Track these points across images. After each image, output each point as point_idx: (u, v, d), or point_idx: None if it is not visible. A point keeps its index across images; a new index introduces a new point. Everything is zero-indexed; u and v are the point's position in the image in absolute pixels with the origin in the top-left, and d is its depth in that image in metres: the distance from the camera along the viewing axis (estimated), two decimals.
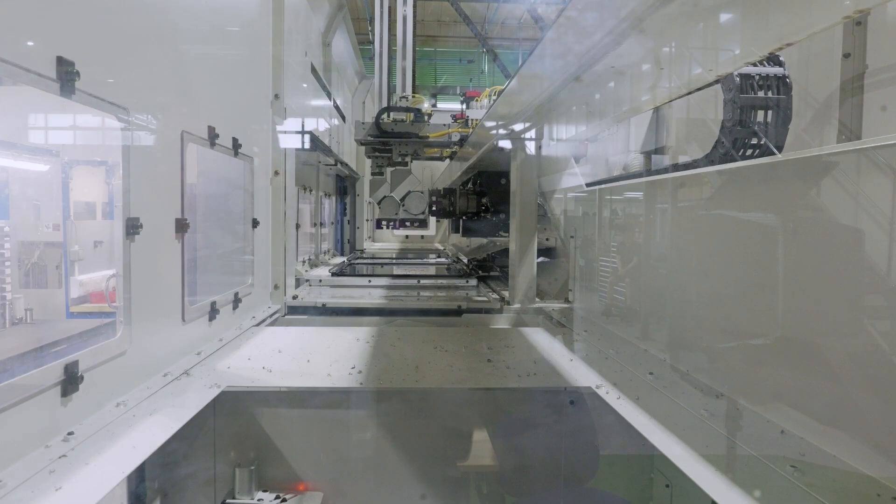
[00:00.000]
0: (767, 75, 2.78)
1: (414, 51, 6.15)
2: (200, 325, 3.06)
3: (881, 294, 1.61)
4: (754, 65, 2.70)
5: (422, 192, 6.18)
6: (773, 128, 2.77)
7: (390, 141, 6.05)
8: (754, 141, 2.84)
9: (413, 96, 6.09)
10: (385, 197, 6.18)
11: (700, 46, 2.17)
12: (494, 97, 5.37)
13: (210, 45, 3.22)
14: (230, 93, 3.61)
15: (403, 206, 6.17)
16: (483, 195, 6.11)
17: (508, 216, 4.55)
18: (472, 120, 6.13)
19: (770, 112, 2.80)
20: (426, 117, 5.98)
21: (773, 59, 2.80)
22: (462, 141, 6.07)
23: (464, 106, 6.59)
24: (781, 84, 2.78)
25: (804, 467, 1.61)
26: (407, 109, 5.96)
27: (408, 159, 6.22)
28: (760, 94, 2.76)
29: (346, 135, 8.77)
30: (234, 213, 3.83)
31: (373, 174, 6.45)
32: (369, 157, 6.29)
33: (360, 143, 6.13)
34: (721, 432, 1.90)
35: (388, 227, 6.60)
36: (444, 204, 6.17)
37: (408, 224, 6.34)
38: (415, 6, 6.12)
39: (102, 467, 1.67)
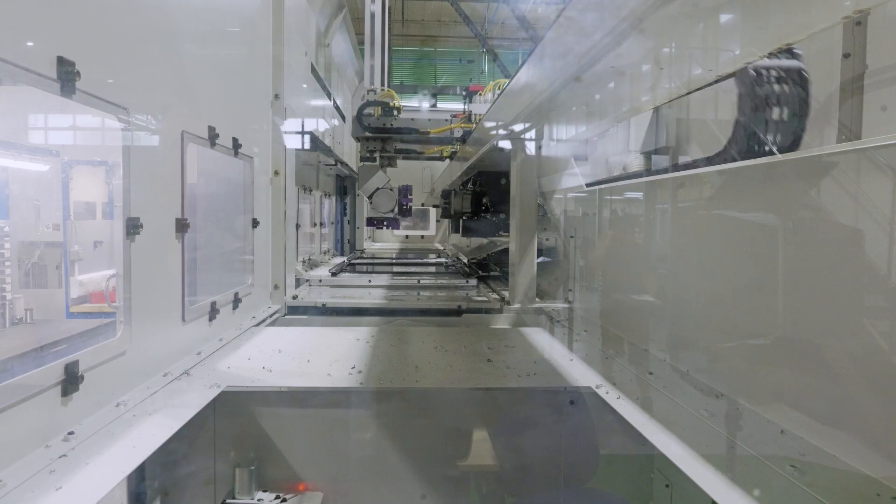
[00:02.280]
0: (785, 67, 2.70)
1: (385, 47, 6.21)
2: (200, 325, 3.06)
3: (881, 294, 1.61)
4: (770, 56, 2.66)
5: (391, 190, 6.06)
6: (789, 122, 2.70)
7: (393, 137, 6.04)
8: (769, 137, 2.79)
9: (383, 89, 6.09)
10: (378, 189, 6.01)
11: (700, 46, 2.17)
12: (499, 91, 5.35)
13: (210, 45, 3.22)
14: (230, 93, 3.61)
15: (371, 203, 6.08)
16: (483, 195, 6.10)
17: (508, 216, 4.54)
18: (475, 115, 6.11)
19: (786, 106, 2.73)
20: (395, 111, 5.96)
21: (788, 51, 2.72)
22: (464, 137, 6.06)
23: (466, 101, 6.57)
24: (799, 77, 2.69)
25: (804, 467, 1.61)
26: (381, 104, 5.95)
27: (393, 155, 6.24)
28: (777, 87, 2.68)
29: (346, 135, 8.77)
30: (234, 213, 3.83)
31: (363, 159, 6.32)
32: (357, 139, 6.25)
33: (358, 139, 6.14)
34: (721, 432, 1.90)
35: (378, 227, 6.55)
36: (456, 204, 6.22)
37: (385, 225, 6.28)
38: (384, 4, 6.19)
39: (102, 467, 1.67)
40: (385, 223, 6.27)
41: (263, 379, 2.56)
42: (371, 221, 6.31)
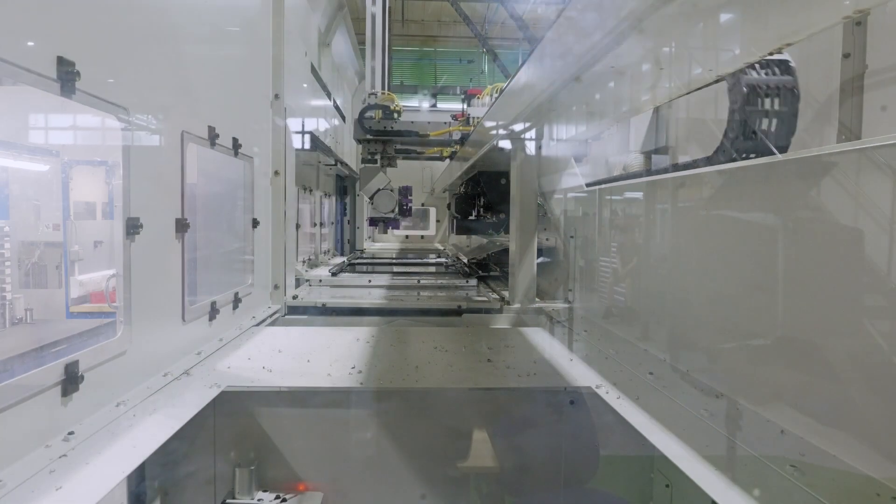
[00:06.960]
0: (775, 85, 2.69)
1: (385, 49, 6.20)
2: (200, 325, 3.06)
3: (881, 294, 1.61)
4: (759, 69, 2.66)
5: (391, 191, 6.13)
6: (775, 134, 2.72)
7: (393, 139, 6.06)
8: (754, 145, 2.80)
9: (383, 93, 6.11)
10: (379, 190, 6.07)
11: (700, 46, 2.17)
12: (496, 94, 5.36)
13: (210, 45, 3.22)
14: (230, 93, 3.61)
15: (372, 204, 6.15)
16: (482, 195, 6.11)
17: (508, 216, 4.54)
18: (473, 118, 6.14)
19: (774, 120, 2.74)
20: (395, 114, 6.00)
21: (781, 67, 2.73)
22: (463, 139, 6.09)
23: (465, 104, 6.59)
24: (789, 94, 2.71)
25: (804, 467, 1.61)
26: (382, 107, 5.95)
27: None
28: (767, 102, 2.69)
29: (346, 135, 8.77)
30: (234, 213, 3.83)
31: (364, 161, 6.37)
32: (358, 142, 6.28)
33: (360, 141, 6.15)
34: (721, 432, 1.90)
35: (378, 228, 6.56)
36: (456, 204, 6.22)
37: (386, 224, 6.32)
38: (384, 5, 6.18)
39: (102, 467, 1.67)
40: (386, 223, 6.30)
41: (263, 379, 2.56)
42: (373, 221, 6.36)
